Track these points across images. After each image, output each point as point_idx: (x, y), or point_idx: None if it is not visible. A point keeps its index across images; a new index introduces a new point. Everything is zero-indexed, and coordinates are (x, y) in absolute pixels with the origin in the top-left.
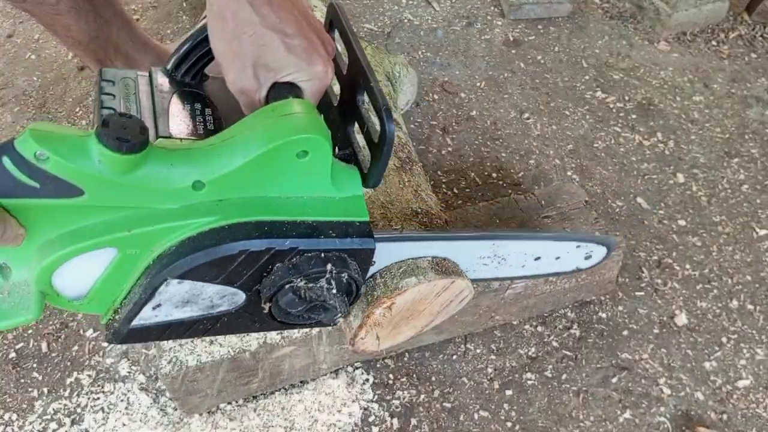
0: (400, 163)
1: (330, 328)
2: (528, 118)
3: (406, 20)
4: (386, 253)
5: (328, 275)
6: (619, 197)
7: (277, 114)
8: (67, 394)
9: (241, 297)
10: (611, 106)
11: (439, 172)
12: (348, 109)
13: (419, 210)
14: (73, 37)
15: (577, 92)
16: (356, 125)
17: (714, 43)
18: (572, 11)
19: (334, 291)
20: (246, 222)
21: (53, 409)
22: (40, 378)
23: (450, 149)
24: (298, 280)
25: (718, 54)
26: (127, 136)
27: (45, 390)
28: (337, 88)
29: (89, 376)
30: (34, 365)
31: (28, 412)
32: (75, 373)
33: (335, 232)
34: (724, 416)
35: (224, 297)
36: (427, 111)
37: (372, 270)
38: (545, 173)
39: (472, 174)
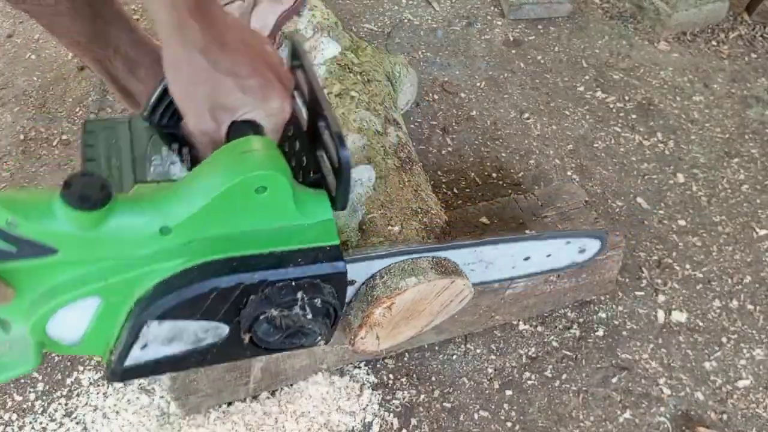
0: (400, 163)
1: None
2: (528, 118)
3: (406, 20)
4: (366, 271)
5: (300, 302)
6: (619, 197)
7: (236, 152)
8: (67, 394)
9: (224, 329)
10: (611, 106)
11: (439, 172)
12: (313, 135)
13: (419, 210)
14: (72, 38)
15: (577, 92)
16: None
17: (714, 43)
18: (572, 11)
19: (310, 316)
20: (214, 260)
21: (53, 409)
22: (40, 378)
23: (450, 149)
24: (272, 310)
25: (718, 54)
26: (88, 193)
27: (45, 390)
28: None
29: (89, 376)
30: None
31: (27, 412)
32: (75, 373)
33: (304, 260)
34: (724, 416)
35: (208, 331)
36: (427, 111)
37: (355, 287)
38: (545, 173)
39: (472, 174)
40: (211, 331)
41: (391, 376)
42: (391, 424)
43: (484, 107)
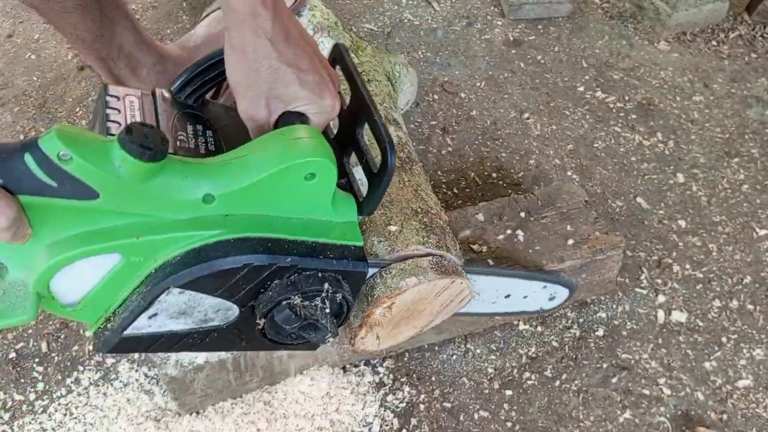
0: (400, 163)
1: None
2: (528, 118)
3: (406, 20)
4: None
5: (324, 294)
6: (619, 197)
7: (288, 138)
8: (67, 393)
9: (234, 312)
10: (611, 106)
11: (439, 172)
12: (346, 141)
13: (419, 210)
14: (78, 35)
15: (577, 92)
16: (353, 157)
17: (714, 43)
18: (572, 11)
19: (328, 310)
20: (251, 237)
21: (53, 408)
22: (40, 378)
23: (450, 149)
24: (296, 296)
25: (718, 54)
26: (149, 144)
27: (45, 390)
28: (333, 122)
29: (89, 376)
30: (34, 365)
31: (27, 412)
32: (75, 373)
33: (333, 254)
34: (724, 416)
35: (218, 311)
36: (427, 111)
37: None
38: (545, 173)
39: (472, 174)
40: (221, 312)
41: (391, 375)
42: (391, 424)
43: (484, 107)
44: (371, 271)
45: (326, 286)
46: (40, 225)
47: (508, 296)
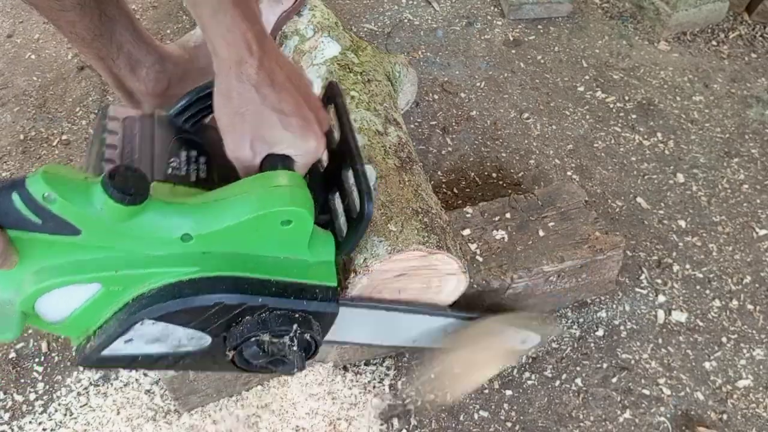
0: (400, 163)
1: None
2: (528, 118)
3: (406, 20)
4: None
5: (292, 333)
6: (619, 197)
7: (268, 184)
8: (67, 393)
9: (207, 341)
10: (611, 106)
11: (439, 172)
12: (333, 179)
13: (419, 209)
14: (77, 34)
15: (577, 92)
16: (338, 195)
17: (714, 43)
18: (572, 11)
19: (295, 348)
20: (224, 276)
21: (53, 408)
22: (40, 378)
23: (450, 149)
24: (264, 334)
25: (718, 54)
26: (130, 189)
27: (45, 390)
28: (325, 156)
29: (89, 376)
30: (34, 365)
31: (27, 412)
32: (75, 373)
33: (304, 294)
34: (724, 416)
35: (192, 339)
36: (427, 111)
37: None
38: (545, 173)
39: (472, 174)
40: (195, 340)
41: (391, 375)
42: (391, 423)
43: (484, 107)
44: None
45: (295, 326)
46: (26, 255)
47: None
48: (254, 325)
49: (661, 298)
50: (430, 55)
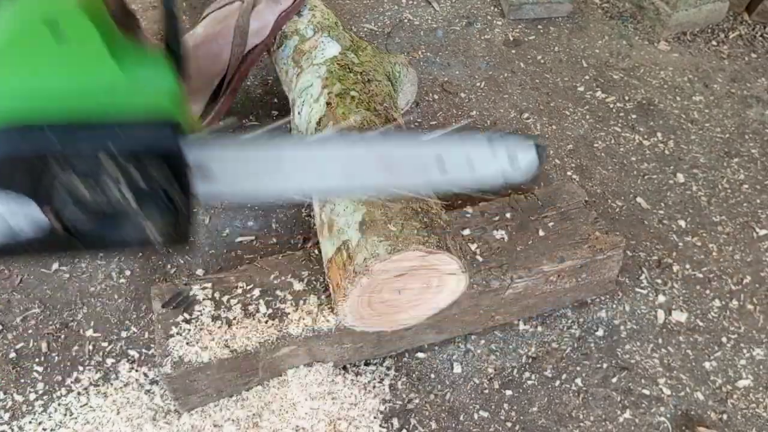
0: None
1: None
2: (528, 118)
3: (406, 20)
4: (232, 158)
5: (115, 176)
6: (619, 197)
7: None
8: (67, 393)
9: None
10: (611, 106)
11: None
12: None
13: (420, 210)
14: None
15: (577, 92)
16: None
17: (714, 43)
18: (572, 11)
19: (130, 196)
20: (11, 126)
21: (53, 408)
22: (40, 378)
23: None
24: (79, 182)
25: (718, 54)
26: None
27: (45, 390)
28: None
29: (89, 376)
30: (34, 365)
31: (27, 412)
32: (75, 373)
33: (129, 128)
34: (724, 416)
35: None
36: (427, 111)
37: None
38: (545, 173)
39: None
40: (30, 221)
41: (391, 375)
42: (391, 423)
43: (484, 107)
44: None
45: (114, 166)
46: None
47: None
48: (65, 176)
49: (661, 298)
50: (430, 55)
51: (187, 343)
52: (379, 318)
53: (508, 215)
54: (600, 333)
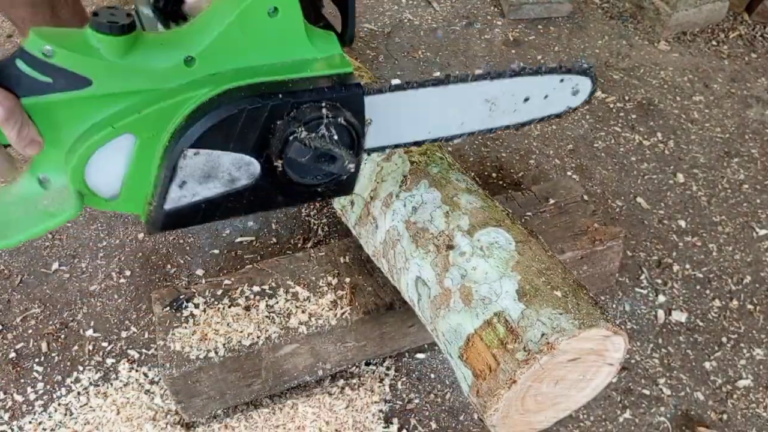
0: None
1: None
2: None
3: (406, 20)
4: (384, 105)
5: (325, 121)
6: (619, 197)
7: None
8: (67, 393)
9: (256, 167)
10: (611, 106)
11: None
12: None
13: (579, 284)
14: (27, 30)
15: None
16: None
17: (714, 43)
18: (572, 11)
19: (335, 137)
20: (240, 86)
21: (53, 408)
22: (40, 378)
23: (450, 149)
24: (299, 129)
25: (718, 54)
26: (116, 20)
27: (45, 390)
28: None
29: (89, 376)
30: (34, 365)
31: (27, 412)
32: (75, 373)
33: (323, 83)
34: (724, 416)
35: (240, 168)
36: None
37: (377, 124)
38: (545, 173)
39: (472, 174)
40: (244, 169)
41: (391, 376)
42: (392, 423)
43: None
44: (389, 97)
45: (324, 112)
46: (50, 130)
47: (527, 100)
48: (287, 124)
49: (661, 298)
50: (430, 55)
51: (189, 344)
52: (521, 417)
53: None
54: None
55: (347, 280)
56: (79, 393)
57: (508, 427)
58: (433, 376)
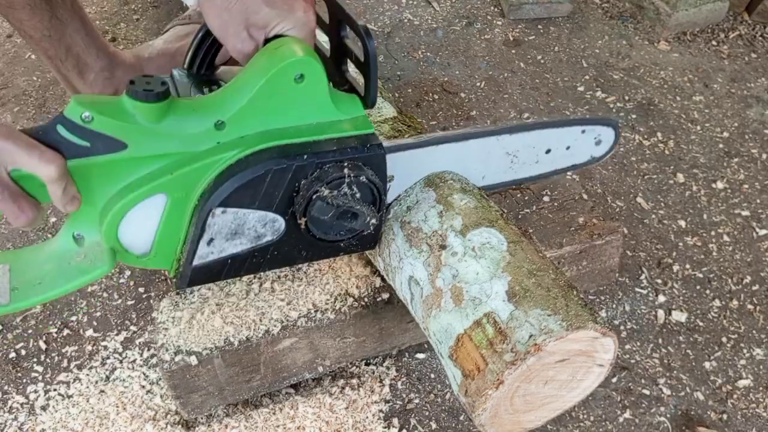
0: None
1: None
2: (528, 118)
3: (406, 20)
4: (406, 162)
5: (347, 180)
6: (619, 197)
7: (271, 49)
8: (66, 393)
9: (280, 223)
10: (611, 106)
11: None
12: (338, 49)
13: (570, 284)
14: (26, 31)
15: (577, 92)
16: (348, 63)
17: (714, 43)
18: (572, 11)
19: (357, 195)
20: (267, 148)
21: (53, 408)
22: (40, 378)
23: None
24: (323, 188)
25: (718, 54)
26: (151, 88)
27: (45, 390)
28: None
29: (89, 376)
30: (34, 365)
31: (27, 412)
32: (75, 373)
33: (346, 144)
34: (724, 416)
35: (266, 225)
36: (427, 111)
37: (399, 180)
38: None
39: None
40: (269, 225)
41: (391, 375)
42: (391, 423)
43: (484, 107)
44: (413, 154)
45: (347, 172)
46: (88, 190)
47: (548, 152)
48: (311, 184)
49: (661, 298)
50: (430, 55)
51: (187, 338)
52: (511, 417)
53: (504, 208)
54: None
55: None
56: (79, 393)
57: (497, 427)
58: (433, 376)
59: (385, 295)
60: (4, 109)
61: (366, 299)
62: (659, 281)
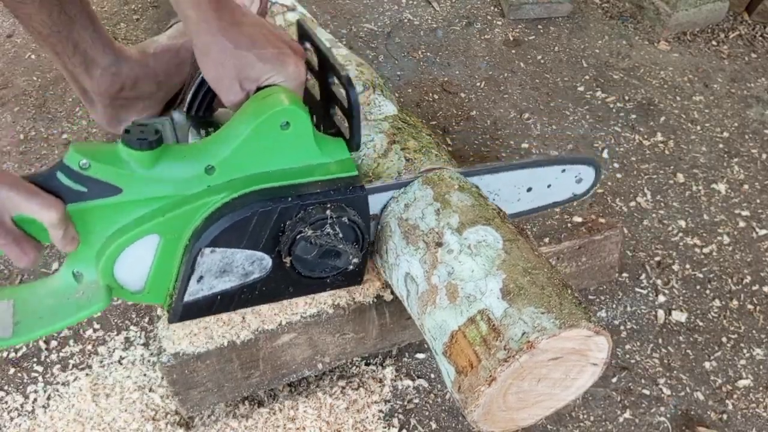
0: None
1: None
2: (528, 118)
3: (406, 20)
4: (383, 201)
5: (330, 220)
6: (619, 197)
7: (259, 98)
8: (66, 393)
9: (267, 261)
10: (611, 106)
11: None
12: (326, 95)
13: (565, 283)
14: (34, 27)
15: (577, 92)
16: (337, 108)
17: (714, 43)
18: (572, 11)
19: (340, 235)
20: (254, 191)
21: (53, 408)
22: (40, 378)
23: (450, 149)
24: (307, 229)
25: (718, 54)
26: (144, 137)
27: (45, 390)
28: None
29: (88, 375)
30: (34, 365)
31: (27, 412)
32: (75, 373)
33: (329, 186)
34: (724, 416)
35: (254, 263)
36: (427, 111)
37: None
38: None
39: None
40: (257, 263)
41: (391, 375)
42: (391, 423)
43: (484, 107)
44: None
45: (329, 213)
46: (86, 231)
47: (530, 190)
48: (295, 224)
49: (661, 298)
50: (430, 55)
51: (186, 333)
52: (504, 414)
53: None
54: None
55: None
56: (79, 392)
57: (491, 423)
58: (433, 376)
59: (384, 292)
60: (4, 109)
61: (365, 295)
62: (659, 281)
